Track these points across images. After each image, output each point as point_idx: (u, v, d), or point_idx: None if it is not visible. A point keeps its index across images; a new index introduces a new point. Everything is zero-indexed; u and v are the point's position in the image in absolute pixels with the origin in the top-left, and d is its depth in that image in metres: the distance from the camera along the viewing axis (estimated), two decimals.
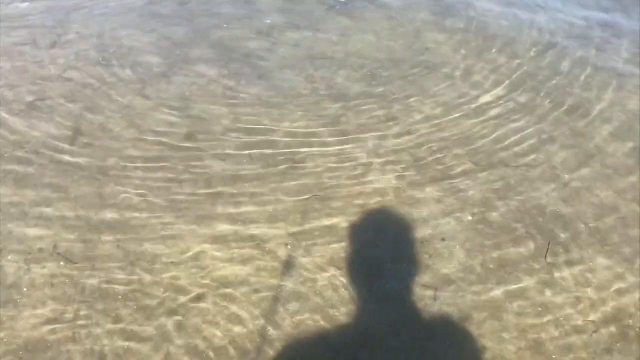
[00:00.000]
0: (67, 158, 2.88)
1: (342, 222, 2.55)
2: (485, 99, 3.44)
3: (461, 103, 3.40)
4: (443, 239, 2.49)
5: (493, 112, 3.33)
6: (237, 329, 2.07)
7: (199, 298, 2.18)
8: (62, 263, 2.30)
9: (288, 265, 2.32)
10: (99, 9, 4.34)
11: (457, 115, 3.30)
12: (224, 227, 2.50)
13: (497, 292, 2.25)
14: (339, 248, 2.41)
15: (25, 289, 2.17)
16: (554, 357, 2.05)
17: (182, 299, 2.17)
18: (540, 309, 2.20)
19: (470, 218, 2.61)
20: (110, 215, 2.55)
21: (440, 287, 2.26)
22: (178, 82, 3.50)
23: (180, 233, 2.46)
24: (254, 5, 4.48)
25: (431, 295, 2.22)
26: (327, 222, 2.54)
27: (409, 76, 3.64)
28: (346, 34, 4.13)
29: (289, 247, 2.40)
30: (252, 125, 3.15)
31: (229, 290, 2.21)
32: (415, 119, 3.24)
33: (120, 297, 2.17)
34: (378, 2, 4.58)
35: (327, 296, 2.20)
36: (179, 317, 2.11)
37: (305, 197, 2.68)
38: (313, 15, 4.35)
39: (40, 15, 4.21)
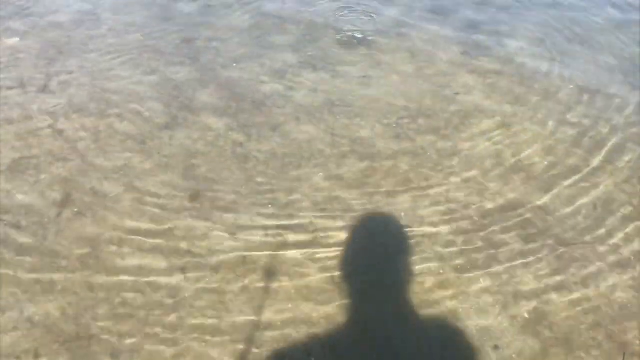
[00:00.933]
0: (52, 234, 2.50)
1: None
2: (528, 156, 3.06)
3: (501, 161, 3.02)
4: (496, 346, 2.11)
5: (537, 171, 2.96)
6: None
7: None
8: None
9: None
10: (94, 45, 4.00)
11: (497, 172, 2.93)
12: None
13: None
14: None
15: None
16: None
17: None
18: None
19: (526, 316, 2.22)
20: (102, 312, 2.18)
21: None
22: (182, 136, 3.14)
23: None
24: (266, 42, 4.13)
25: None
26: None
27: (440, 128, 3.27)
28: (367, 75, 3.77)
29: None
30: (267, 193, 2.77)
31: None
32: (451, 183, 2.86)
33: None
34: (400, 38, 4.23)
35: None
36: None
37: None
38: (330, 53, 4.00)
39: (30, 53, 3.87)
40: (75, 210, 2.65)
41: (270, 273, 2.34)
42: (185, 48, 4.04)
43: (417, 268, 2.41)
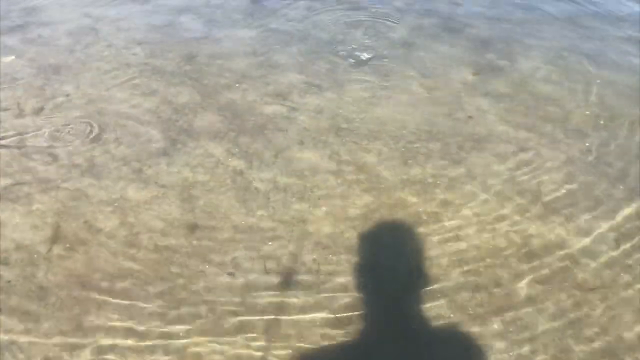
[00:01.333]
0: (41, 271, 2.38)
1: None
2: (549, 191, 2.92)
3: (518, 191, 2.87)
4: None
5: (558, 207, 2.81)
6: None
7: None
8: None
9: None
10: (92, 63, 3.89)
11: (512, 208, 2.78)
12: None
13: None
14: None
15: None
16: None
17: None
18: None
19: None
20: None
21: None
22: (180, 162, 3.02)
23: None
24: (270, 60, 4.01)
25: None
26: None
27: (452, 153, 3.13)
28: (375, 95, 3.64)
29: None
30: (266, 228, 2.64)
31: None
32: (463, 217, 2.71)
33: None
34: (409, 58, 4.09)
35: None
36: None
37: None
38: (336, 73, 3.87)
39: (27, 72, 3.78)
40: (67, 246, 2.52)
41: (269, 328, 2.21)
42: (186, 66, 3.92)
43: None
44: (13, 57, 3.91)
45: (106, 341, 2.15)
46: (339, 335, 2.19)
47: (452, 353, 2.18)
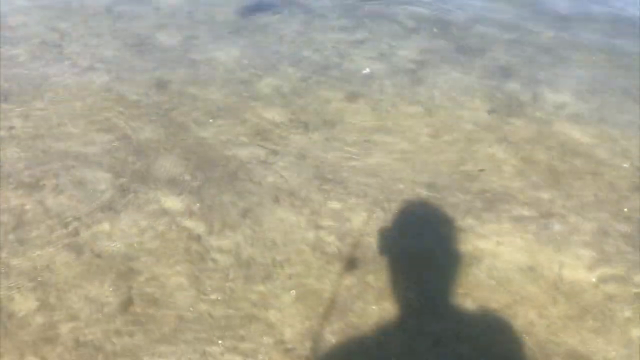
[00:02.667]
0: None
1: None
2: (579, 274, 2.37)
3: (535, 275, 2.33)
4: None
5: (590, 296, 2.27)
6: None
7: None
8: None
9: None
10: (48, 86, 3.44)
11: (531, 291, 2.25)
12: None
13: None
14: None
15: None
16: None
17: None
18: None
19: None
20: None
21: None
22: (126, 222, 2.53)
23: None
24: (253, 88, 3.52)
25: None
26: None
27: (456, 220, 2.60)
28: (369, 139, 3.12)
29: None
30: (218, 318, 2.14)
31: None
32: (466, 315, 2.18)
33: None
34: (415, 88, 3.58)
35: None
36: None
37: None
38: (327, 106, 3.37)
39: None
40: None
41: None
42: (155, 94, 3.43)
43: None
44: None
45: None
46: None
47: None
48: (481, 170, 2.93)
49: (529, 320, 2.16)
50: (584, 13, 4.66)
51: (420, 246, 2.48)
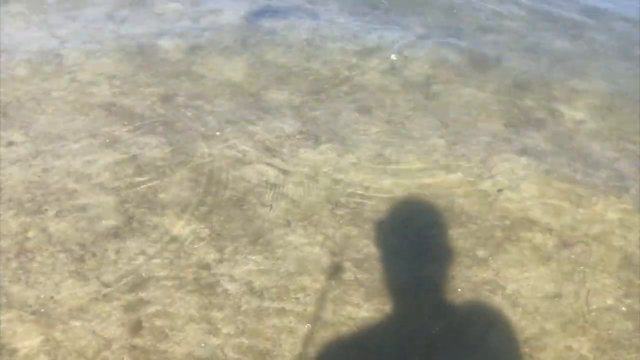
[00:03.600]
0: None
1: None
2: (600, 300, 2.31)
3: (561, 308, 2.27)
4: None
5: (622, 342, 2.21)
6: None
7: None
8: None
9: None
10: (48, 102, 3.37)
11: (556, 322, 2.18)
12: None
13: None
14: None
15: None
16: None
17: None
18: None
19: None
20: None
21: None
22: (133, 249, 2.48)
23: None
24: (262, 101, 3.46)
25: None
26: None
27: (476, 247, 2.53)
28: (383, 154, 3.08)
29: None
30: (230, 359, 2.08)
31: None
32: (492, 350, 2.12)
33: None
34: (429, 102, 3.52)
35: None
36: None
37: None
38: (339, 119, 3.31)
39: None
40: None
41: None
42: (160, 108, 3.36)
43: None
44: None
45: None
46: None
47: None
48: (500, 190, 2.86)
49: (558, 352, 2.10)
50: (600, 17, 4.57)
51: (441, 272, 2.42)
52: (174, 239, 2.54)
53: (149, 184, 2.82)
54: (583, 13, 4.67)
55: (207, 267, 2.42)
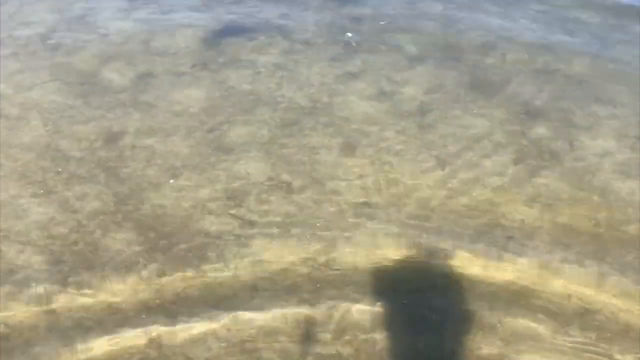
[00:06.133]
0: None
1: None
2: None
3: None
4: None
5: None
6: None
7: None
8: None
9: None
10: None
11: None
12: None
13: None
14: None
15: None
16: None
17: None
18: None
19: None
20: None
21: None
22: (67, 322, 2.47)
23: None
24: (225, 138, 3.52)
25: None
26: None
27: (483, 319, 2.57)
28: (369, 202, 3.16)
29: None
30: None
31: None
32: None
33: None
34: (423, 134, 3.57)
35: None
36: None
37: None
38: (316, 162, 3.35)
39: None
40: None
41: None
42: (103, 149, 3.41)
43: None
44: None
45: None
46: None
47: None
48: (512, 222, 2.94)
49: None
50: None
51: (439, 347, 2.46)
52: (116, 310, 2.55)
53: (88, 239, 2.85)
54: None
55: (158, 347, 2.43)
